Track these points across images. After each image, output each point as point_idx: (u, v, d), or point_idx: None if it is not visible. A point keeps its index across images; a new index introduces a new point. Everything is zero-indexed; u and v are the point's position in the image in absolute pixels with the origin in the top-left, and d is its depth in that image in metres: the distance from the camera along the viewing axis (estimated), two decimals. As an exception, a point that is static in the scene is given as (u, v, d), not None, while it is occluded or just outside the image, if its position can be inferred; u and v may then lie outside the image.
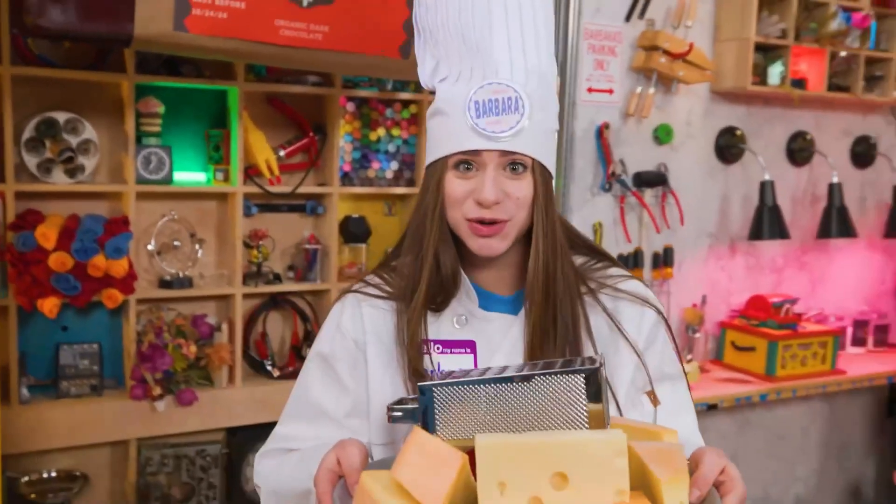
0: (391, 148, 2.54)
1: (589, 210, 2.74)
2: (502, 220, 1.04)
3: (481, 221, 1.04)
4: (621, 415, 1.08)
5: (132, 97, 2.15)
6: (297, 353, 2.47)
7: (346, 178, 2.50)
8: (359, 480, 0.86)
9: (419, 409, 0.91)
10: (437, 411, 0.90)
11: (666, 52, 2.69)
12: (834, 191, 3.09)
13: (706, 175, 3.03)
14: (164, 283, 2.29)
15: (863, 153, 3.37)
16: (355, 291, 1.15)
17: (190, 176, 2.35)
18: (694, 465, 0.90)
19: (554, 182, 1.09)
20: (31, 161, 2.08)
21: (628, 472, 0.79)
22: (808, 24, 2.90)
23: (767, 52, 2.89)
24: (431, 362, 1.08)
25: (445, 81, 1.07)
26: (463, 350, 1.09)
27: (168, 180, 2.24)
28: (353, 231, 2.50)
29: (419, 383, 0.92)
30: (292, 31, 1.86)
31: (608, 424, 0.87)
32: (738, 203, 3.11)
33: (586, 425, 0.86)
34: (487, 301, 1.11)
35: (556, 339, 1.06)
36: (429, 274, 1.07)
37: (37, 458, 2.16)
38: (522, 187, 1.03)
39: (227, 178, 2.33)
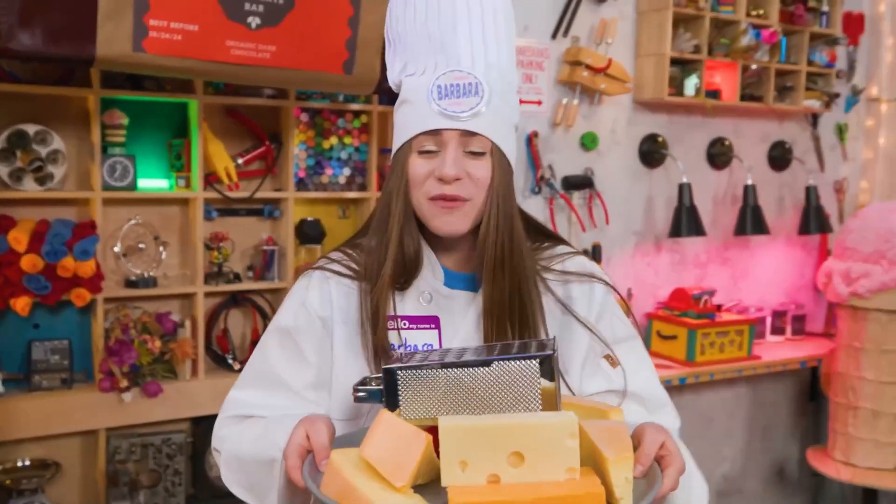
0: (343, 155, 2.59)
1: (520, 211, 2.88)
2: (462, 197, 1.05)
3: (443, 198, 1.05)
4: (581, 385, 1.12)
5: (98, 110, 2.20)
6: (257, 347, 2.57)
7: (301, 184, 2.54)
8: (327, 457, 0.88)
9: (383, 389, 0.93)
10: (400, 392, 0.92)
11: (588, 67, 2.79)
12: (748, 192, 3.21)
13: (632, 178, 3.13)
14: (129, 283, 2.33)
15: (779, 157, 3.51)
16: (320, 268, 1.15)
17: (153, 183, 2.40)
18: (637, 440, 0.92)
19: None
20: (3, 170, 2.12)
21: (579, 451, 0.83)
22: (719, 39, 3.02)
23: (684, 65, 3.01)
24: (399, 337, 1.10)
25: (412, 76, 1.10)
26: (428, 325, 1.11)
27: (132, 187, 2.28)
28: (309, 233, 2.56)
29: (384, 366, 0.93)
30: (242, 50, 1.92)
31: (559, 403, 0.91)
32: (662, 204, 3.20)
33: (539, 405, 0.90)
34: (450, 279, 1.13)
35: (511, 315, 1.07)
36: (394, 253, 1.08)
37: (11, 448, 2.19)
38: (481, 167, 1.05)
39: (188, 185, 2.38)
